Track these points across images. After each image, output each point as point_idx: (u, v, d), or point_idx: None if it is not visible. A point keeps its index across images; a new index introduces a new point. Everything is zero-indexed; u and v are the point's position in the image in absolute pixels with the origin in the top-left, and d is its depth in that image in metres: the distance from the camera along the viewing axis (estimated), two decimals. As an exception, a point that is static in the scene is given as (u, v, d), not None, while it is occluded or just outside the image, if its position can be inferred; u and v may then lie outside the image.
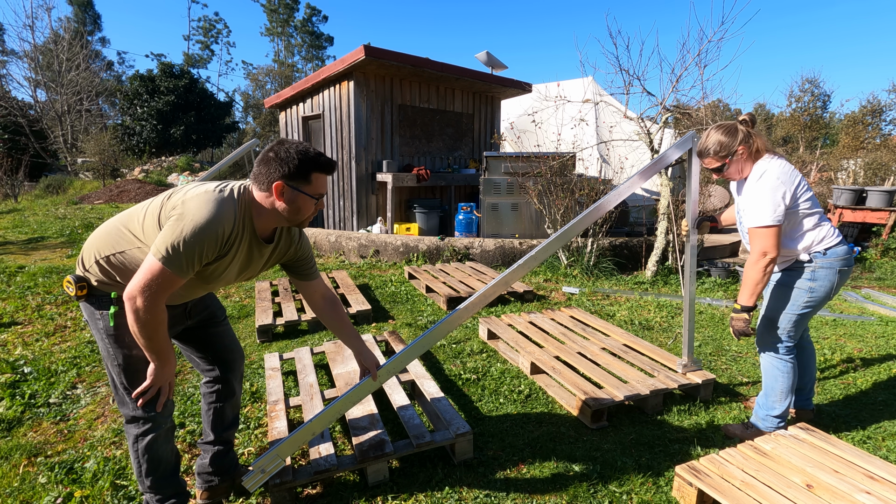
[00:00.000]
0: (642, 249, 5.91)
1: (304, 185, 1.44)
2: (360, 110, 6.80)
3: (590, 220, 2.19)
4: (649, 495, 1.90)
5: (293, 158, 1.41)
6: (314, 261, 1.79)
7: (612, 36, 6.77)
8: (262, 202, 1.46)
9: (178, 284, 1.37)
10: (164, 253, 1.31)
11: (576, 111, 7.43)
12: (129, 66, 38.06)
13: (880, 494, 1.64)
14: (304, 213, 1.49)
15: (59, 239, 7.52)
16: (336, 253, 6.36)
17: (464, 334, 3.63)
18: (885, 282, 5.55)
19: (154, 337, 1.40)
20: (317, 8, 42.78)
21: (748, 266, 2.03)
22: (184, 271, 1.35)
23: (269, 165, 1.42)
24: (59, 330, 3.71)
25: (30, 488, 1.95)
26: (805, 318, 2.13)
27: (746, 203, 2.04)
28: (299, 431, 1.73)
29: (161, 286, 1.33)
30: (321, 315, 1.83)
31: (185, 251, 1.32)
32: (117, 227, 1.49)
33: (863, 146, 17.92)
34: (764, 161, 2.05)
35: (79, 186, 14.89)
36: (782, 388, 2.16)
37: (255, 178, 1.46)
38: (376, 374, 1.82)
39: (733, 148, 2.07)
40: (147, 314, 1.34)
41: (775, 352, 2.17)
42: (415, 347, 1.88)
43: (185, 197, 1.39)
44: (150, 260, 1.33)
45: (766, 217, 1.95)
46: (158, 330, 1.40)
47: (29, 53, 22.49)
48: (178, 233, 1.32)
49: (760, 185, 1.99)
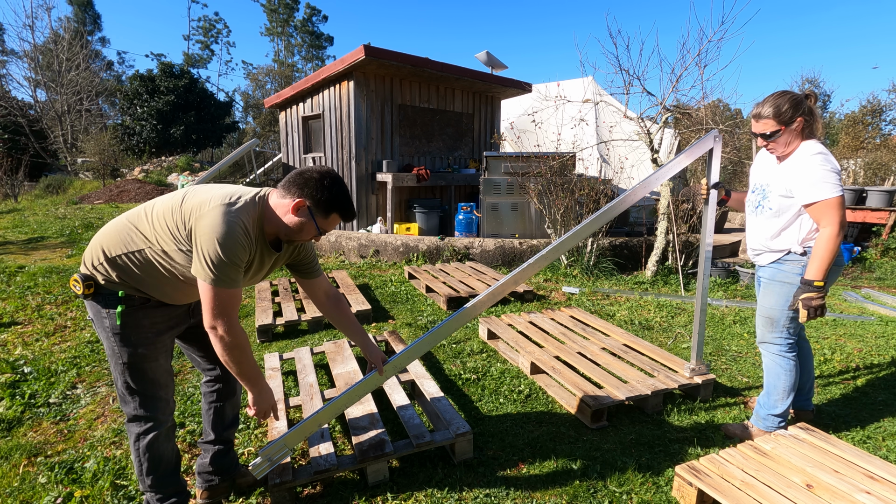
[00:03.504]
0: (642, 249, 5.91)
1: (320, 216, 1.52)
2: (360, 110, 6.80)
3: (615, 212, 2.19)
4: (649, 495, 1.90)
5: (328, 191, 1.49)
6: (317, 259, 1.81)
7: (612, 36, 6.75)
8: (276, 208, 1.51)
9: (239, 297, 1.47)
10: (213, 276, 1.37)
11: (576, 111, 7.42)
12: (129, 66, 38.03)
13: (880, 494, 1.65)
14: (302, 236, 1.55)
15: (58, 239, 7.52)
16: (336, 253, 6.36)
17: (464, 334, 3.63)
18: (885, 282, 5.55)
19: (243, 361, 1.49)
20: (317, 8, 42.75)
21: (824, 239, 1.90)
22: (237, 282, 1.43)
23: (306, 184, 1.49)
24: (59, 330, 3.70)
25: (30, 488, 1.95)
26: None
27: (798, 179, 1.95)
28: (306, 422, 1.76)
29: (228, 305, 1.42)
30: (325, 312, 1.85)
31: (228, 265, 1.38)
32: (126, 226, 1.49)
33: (863, 146, 17.92)
34: (815, 142, 1.99)
35: (79, 186, 14.89)
36: (785, 387, 2.16)
37: (286, 185, 1.51)
38: (382, 369, 1.84)
39: (795, 116, 1.97)
40: (230, 336, 1.43)
41: (777, 349, 2.17)
42: (423, 343, 1.89)
43: (201, 212, 1.42)
44: (205, 287, 1.39)
45: (832, 189, 1.87)
46: (245, 352, 1.48)
47: (29, 53, 22.48)
48: (212, 251, 1.37)
49: (818, 160, 1.91)
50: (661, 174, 2.30)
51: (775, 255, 2.11)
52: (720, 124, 5.53)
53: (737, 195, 2.43)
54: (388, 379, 1.89)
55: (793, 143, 2.03)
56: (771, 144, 2.05)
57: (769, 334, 2.18)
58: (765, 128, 2.02)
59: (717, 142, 2.35)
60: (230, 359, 1.46)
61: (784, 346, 2.15)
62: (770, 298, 2.15)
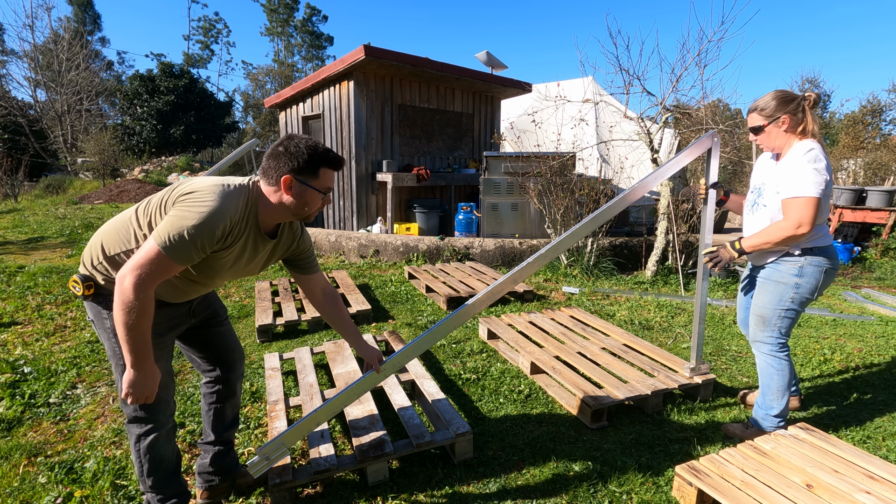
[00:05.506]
0: (642, 249, 5.91)
1: (312, 179, 1.47)
2: (360, 110, 6.80)
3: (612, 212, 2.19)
4: (649, 495, 1.90)
5: (302, 153, 1.43)
6: (314, 255, 1.80)
7: (612, 36, 6.75)
8: (269, 196, 1.48)
9: (172, 272, 1.35)
10: (165, 239, 1.30)
11: (576, 111, 7.42)
12: (128, 66, 38.06)
13: (880, 494, 1.65)
14: (311, 207, 1.50)
15: (58, 239, 7.52)
16: (336, 253, 6.36)
17: (464, 334, 3.63)
18: (885, 282, 5.55)
19: (136, 327, 1.31)
20: (317, 8, 42.78)
21: (777, 226, 1.98)
22: (181, 259, 1.33)
23: (278, 160, 1.44)
24: (59, 330, 3.70)
25: (30, 488, 1.95)
26: (793, 315, 2.13)
27: (785, 176, 1.98)
28: (304, 421, 1.75)
29: (155, 271, 1.31)
30: (321, 310, 1.84)
31: (186, 240, 1.31)
32: (125, 224, 1.48)
33: (863, 146, 17.91)
34: (811, 141, 1.99)
35: (79, 186, 14.90)
36: (779, 386, 2.17)
37: (263, 172, 1.48)
38: (379, 367, 1.82)
39: (780, 113, 2.01)
40: (134, 296, 1.28)
41: (769, 349, 2.18)
42: (421, 342, 1.89)
43: (195, 187, 1.39)
44: (150, 244, 1.31)
45: (809, 188, 1.89)
46: (141, 320, 1.31)
47: (29, 53, 22.48)
48: (180, 221, 1.32)
49: (807, 158, 1.93)
50: (660, 174, 2.30)
51: (774, 254, 2.12)
52: (720, 124, 5.53)
53: (736, 198, 2.44)
54: (386, 378, 1.88)
55: (780, 140, 2.06)
56: (759, 139, 2.12)
57: (761, 333, 2.19)
58: (752, 122, 2.11)
59: (715, 142, 2.35)
60: (121, 317, 1.29)
61: (775, 345, 2.17)
62: (763, 297, 2.16)
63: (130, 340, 1.33)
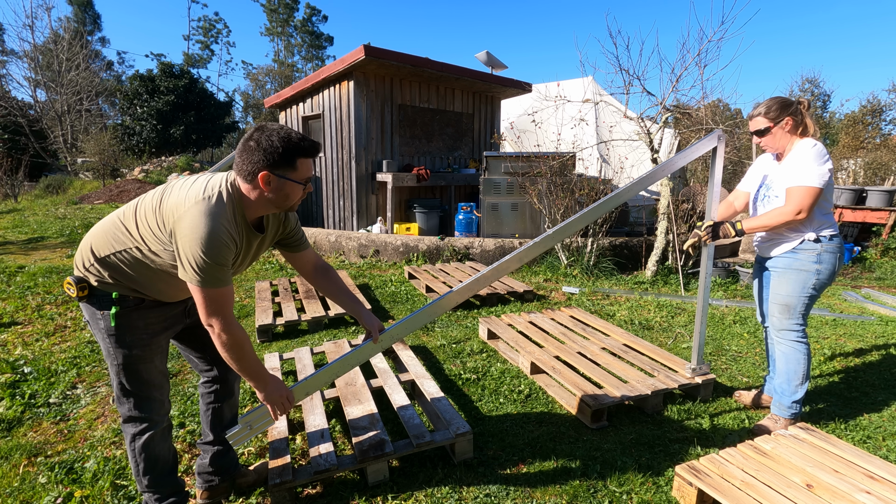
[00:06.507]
0: (642, 249, 5.91)
1: (290, 171, 1.42)
2: (360, 110, 6.80)
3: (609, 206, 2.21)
4: (649, 495, 1.90)
5: (276, 147, 1.37)
6: (302, 231, 1.77)
7: (612, 36, 6.77)
8: (248, 194, 1.44)
9: (231, 294, 1.43)
10: (199, 277, 1.34)
11: (576, 111, 7.42)
12: (128, 66, 38.06)
13: (880, 494, 1.65)
14: (292, 199, 1.48)
15: (59, 239, 7.52)
16: (336, 253, 6.36)
17: (464, 334, 3.63)
18: (885, 282, 5.55)
19: (243, 357, 1.47)
20: (317, 8, 42.80)
21: (778, 211, 2.12)
22: (222, 283, 1.39)
23: (251, 155, 1.38)
24: (59, 330, 3.70)
25: (30, 488, 1.95)
26: (812, 301, 2.24)
27: (790, 170, 2.13)
28: (294, 388, 1.72)
29: (219, 304, 1.39)
30: (316, 284, 1.82)
31: (213, 265, 1.35)
32: (115, 225, 1.48)
33: (863, 146, 17.92)
34: (813, 139, 2.15)
35: (79, 186, 14.90)
36: (804, 371, 2.26)
37: (238, 169, 1.42)
38: (377, 338, 1.81)
39: (783, 115, 2.16)
40: (227, 334, 1.41)
41: (795, 335, 2.26)
42: (422, 314, 1.90)
43: (180, 213, 1.36)
44: (194, 290, 1.37)
45: (812, 178, 2.05)
46: (244, 348, 1.46)
47: (29, 53, 22.49)
48: (193, 257, 1.33)
49: (814, 152, 2.08)
50: (659, 173, 2.30)
51: (790, 244, 2.21)
52: (720, 124, 5.53)
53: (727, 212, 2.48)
54: (383, 348, 1.85)
55: (784, 140, 2.20)
56: (763, 141, 2.25)
57: (787, 321, 2.26)
58: (757, 125, 2.24)
59: (720, 141, 2.36)
60: (230, 356, 1.45)
61: (801, 332, 2.26)
62: (786, 286, 2.24)
63: (248, 370, 1.50)
